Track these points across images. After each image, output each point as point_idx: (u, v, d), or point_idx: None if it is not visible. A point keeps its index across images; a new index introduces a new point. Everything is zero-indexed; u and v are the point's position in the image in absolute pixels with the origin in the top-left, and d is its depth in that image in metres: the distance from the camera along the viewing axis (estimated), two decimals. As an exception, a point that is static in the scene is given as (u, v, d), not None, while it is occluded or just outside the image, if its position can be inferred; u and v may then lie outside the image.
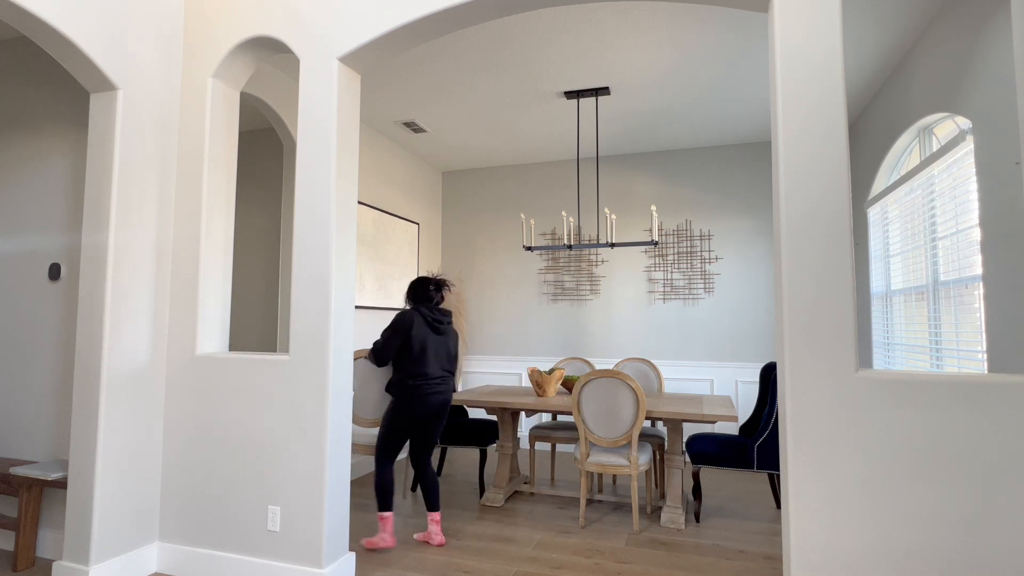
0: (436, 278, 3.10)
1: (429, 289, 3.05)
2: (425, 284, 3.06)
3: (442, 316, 3.03)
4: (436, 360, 2.99)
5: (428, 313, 2.99)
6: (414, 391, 2.92)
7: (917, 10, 2.92)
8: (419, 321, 2.96)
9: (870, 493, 1.77)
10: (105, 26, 2.45)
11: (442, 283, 3.10)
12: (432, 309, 3.03)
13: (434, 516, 2.99)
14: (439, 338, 3.01)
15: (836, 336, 1.83)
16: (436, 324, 3.00)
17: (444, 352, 3.03)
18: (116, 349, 2.48)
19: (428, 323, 2.98)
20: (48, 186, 2.98)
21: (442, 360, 3.02)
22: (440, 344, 3.02)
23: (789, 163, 1.92)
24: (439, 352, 3.01)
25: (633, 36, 3.18)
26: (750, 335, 4.88)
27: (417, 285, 3.07)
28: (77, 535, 2.39)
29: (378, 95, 4.01)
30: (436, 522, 2.98)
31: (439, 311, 3.04)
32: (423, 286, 3.06)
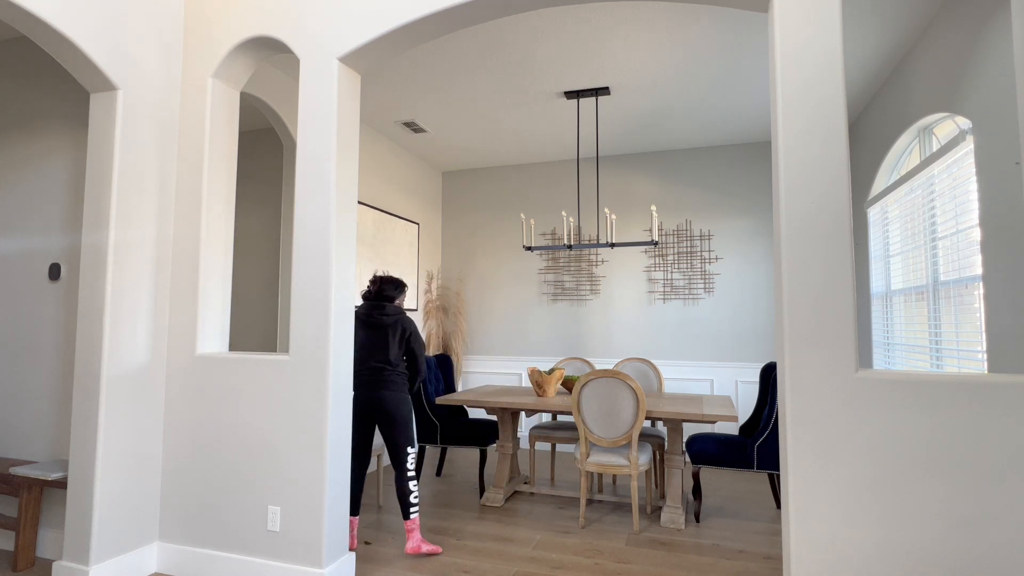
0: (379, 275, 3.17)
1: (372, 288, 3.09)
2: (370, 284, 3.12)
3: (372, 309, 3.01)
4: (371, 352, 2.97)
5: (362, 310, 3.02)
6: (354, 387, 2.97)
7: (917, 10, 2.92)
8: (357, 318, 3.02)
9: (870, 493, 1.77)
10: (105, 26, 2.45)
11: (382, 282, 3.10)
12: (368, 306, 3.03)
13: (406, 524, 2.86)
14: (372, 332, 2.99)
15: (836, 336, 1.83)
16: (366, 317, 3.00)
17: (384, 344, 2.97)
18: (116, 349, 2.47)
19: (359, 319, 3.01)
20: (48, 186, 2.98)
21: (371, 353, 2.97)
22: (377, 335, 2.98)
23: (789, 163, 1.92)
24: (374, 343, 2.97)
25: (633, 36, 3.18)
26: (750, 335, 4.88)
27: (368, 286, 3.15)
28: (77, 535, 2.39)
29: (378, 95, 4.01)
30: (408, 531, 2.85)
31: (372, 306, 3.02)
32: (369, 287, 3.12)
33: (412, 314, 5.25)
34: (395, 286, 3.09)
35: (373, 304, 3.02)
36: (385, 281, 3.08)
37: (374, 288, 3.07)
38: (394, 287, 3.09)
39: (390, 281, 3.09)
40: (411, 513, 2.85)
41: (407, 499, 2.87)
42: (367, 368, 2.96)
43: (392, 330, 2.99)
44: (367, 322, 2.99)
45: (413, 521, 2.84)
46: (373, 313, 2.99)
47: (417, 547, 2.82)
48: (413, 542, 2.83)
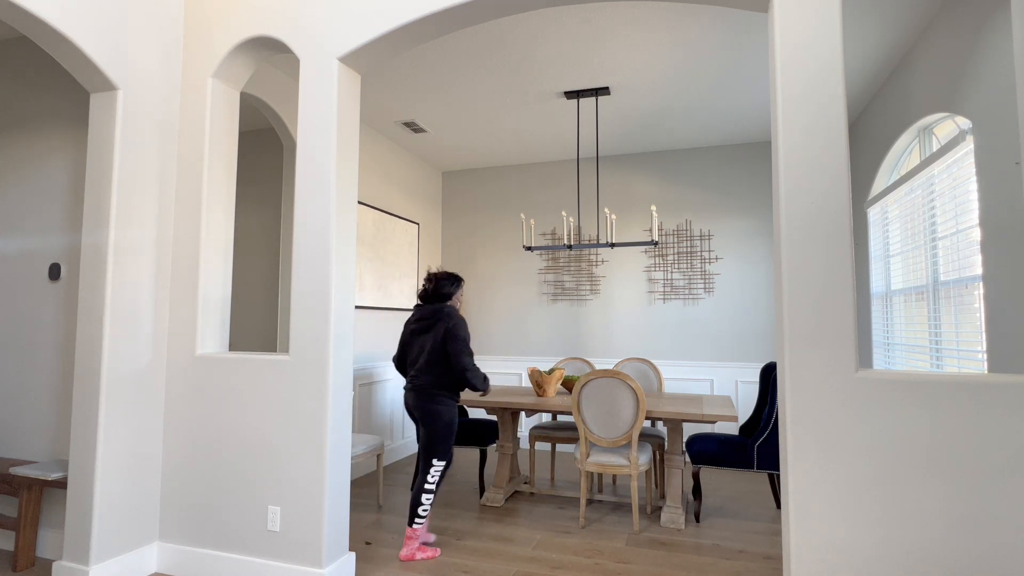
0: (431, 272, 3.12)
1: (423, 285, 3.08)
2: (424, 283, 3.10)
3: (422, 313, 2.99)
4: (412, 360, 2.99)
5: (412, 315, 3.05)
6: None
7: (917, 10, 2.92)
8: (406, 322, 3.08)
9: (870, 493, 1.77)
10: (105, 26, 2.45)
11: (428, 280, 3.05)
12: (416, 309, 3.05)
13: (406, 531, 2.83)
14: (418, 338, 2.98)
15: (836, 336, 1.83)
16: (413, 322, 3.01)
17: (418, 350, 2.97)
18: (116, 349, 2.47)
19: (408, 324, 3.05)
20: (48, 186, 2.98)
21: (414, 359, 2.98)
22: (419, 343, 2.97)
23: (789, 163, 1.92)
24: (418, 351, 2.97)
25: (633, 36, 3.18)
26: (750, 335, 4.88)
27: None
28: (77, 535, 2.39)
29: (378, 95, 4.01)
30: (407, 537, 2.81)
31: (418, 308, 3.03)
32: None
33: (412, 314, 5.24)
34: (452, 281, 3.03)
35: (418, 306, 3.03)
36: (441, 278, 3.02)
37: (430, 286, 3.03)
38: (451, 283, 3.02)
39: (447, 277, 3.03)
40: (416, 523, 2.81)
41: (416, 508, 2.83)
42: (407, 375, 3.00)
43: (435, 332, 2.91)
44: (414, 327, 2.99)
45: (414, 530, 2.81)
46: (422, 316, 2.98)
47: (411, 555, 2.79)
48: (408, 549, 2.79)
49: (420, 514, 2.82)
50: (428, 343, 2.91)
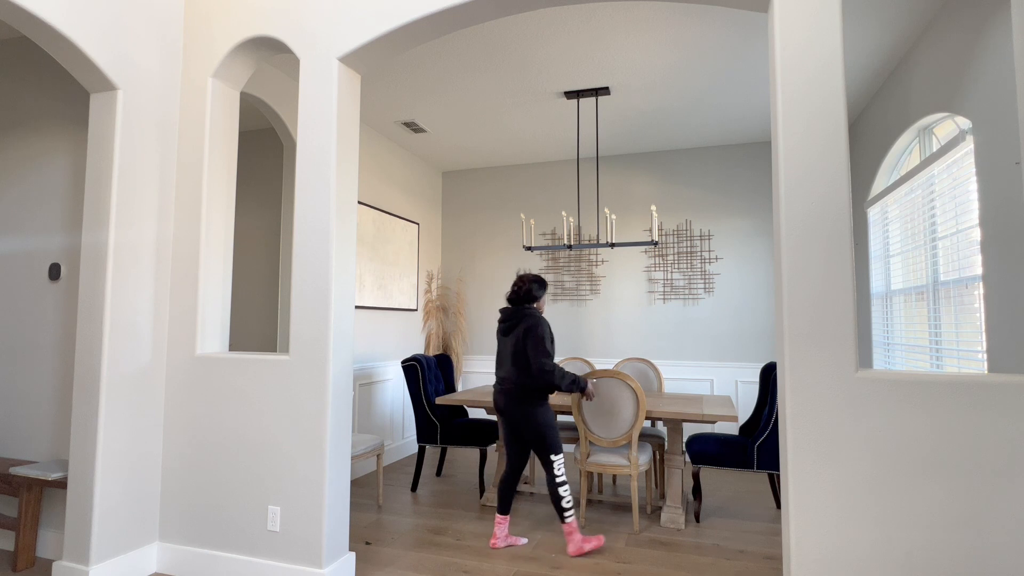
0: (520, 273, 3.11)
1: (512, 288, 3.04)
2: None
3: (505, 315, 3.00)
4: (500, 363, 3.01)
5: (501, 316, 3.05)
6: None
7: (917, 10, 2.92)
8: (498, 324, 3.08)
9: (871, 493, 1.77)
10: (105, 26, 2.45)
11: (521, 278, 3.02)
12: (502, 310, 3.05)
13: (563, 528, 2.91)
14: (504, 339, 3.00)
15: (836, 336, 1.83)
16: (501, 324, 3.02)
17: (507, 353, 2.95)
18: (116, 349, 2.47)
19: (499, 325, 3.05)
20: (48, 186, 2.98)
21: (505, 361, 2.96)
22: (504, 345, 2.99)
23: (789, 163, 1.92)
24: (503, 354, 2.99)
25: (633, 36, 3.18)
26: (750, 335, 4.88)
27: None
28: (77, 535, 2.39)
29: (378, 95, 4.01)
30: (566, 535, 2.87)
31: (505, 310, 3.02)
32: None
33: (412, 314, 5.25)
34: (540, 285, 2.99)
35: (504, 308, 3.03)
36: (530, 280, 2.97)
37: (519, 289, 2.97)
38: (539, 286, 2.98)
39: (535, 280, 2.98)
40: (567, 518, 2.85)
41: (559, 504, 2.86)
42: (501, 379, 2.98)
43: (516, 333, 2.92)
44: (502, 330, 3.00)
45: (570, 525, 2.85)
46: (506, 317, 2.99)
47: (579, 549, 2.83)
48: (573, 545, 2.83)
49: (566, 507, 2.86)
50: (510, 344, 2.94)
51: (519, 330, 2.90)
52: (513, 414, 2.90)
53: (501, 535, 2.95)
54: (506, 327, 2.98)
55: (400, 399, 5.00)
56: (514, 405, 2.89)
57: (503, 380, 2.96)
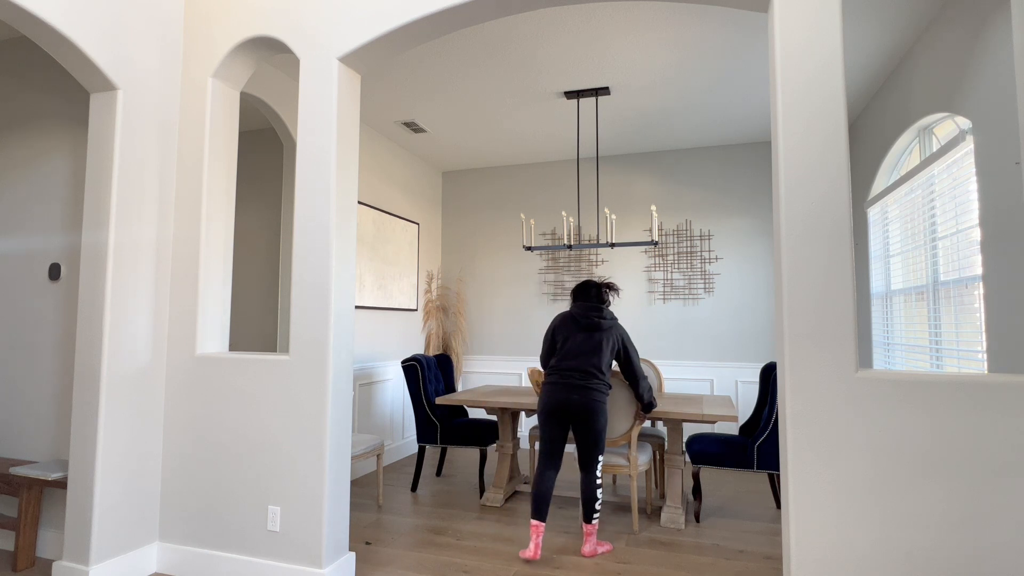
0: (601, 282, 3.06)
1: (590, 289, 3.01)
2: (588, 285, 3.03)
3: (589, 311, 2.93)
4: (577, 354, 2.87)
5: (578, 310, 2.94)
6: (548, 384, 2.89)
7: (917, 10, 2.92)
8: (566, 318, 2.97)
9: (871, 493, 1.77)
10: (105, 26, 2.45)
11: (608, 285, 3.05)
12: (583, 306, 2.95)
13: (585, 528, 2.86)
14: (584, 335, 2.90)
15: (836, 336, 1.83)
16: (581, 318, 2.92)
17: (590, 348, 2.88)
18: (116, 349, 2.47)
19: (575, 318, 2.93)
20: (48, 186, 2.98)
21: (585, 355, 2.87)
22: (587, 340, 2.89)
23: (789, 163, 1.92)
24: (583, 348, 2.88)
25: (633, 36, 3.18)
26: (750, 335, 4.88)
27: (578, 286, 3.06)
28: (77, 535, 2.39)
29: (378, 95, 4.01)
30: (587, 534, 2.85)
31: (591, 307, 2.94)
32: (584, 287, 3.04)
33: (412, 314, 5.25)
34: (615, 292, 3.05)
35: (591, 305, 2.94)
36: (608, 287, 3.02)
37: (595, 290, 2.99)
38: (614, 293, 3.04)
39: (611, 287, 3.03)
40: (593, 518, 2.86)
41: (593, 504, 2.86)
42: (575, 370, 2.85)
43: (607, 336, 2.91)
44: (582, 323, 2.91)
45: (593, 526, 2.85)
46: (591, 315, 2.90)
47: (593, 550, 2.84)
48: (590, 546, 2.84)
49: (599, 508, 2.88)
50: (594, 342, 2.89)
51: (613, 333, 2.93)
52: (586, 408, 2.81)
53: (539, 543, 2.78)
54: (590, 324, 2.90)
55: (400, 399, 5.00)
56: (590, 400, 2.82)
57: (591, 376, 2.85)
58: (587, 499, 2.87)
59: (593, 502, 2.87)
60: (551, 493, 2.87)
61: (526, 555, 2.75)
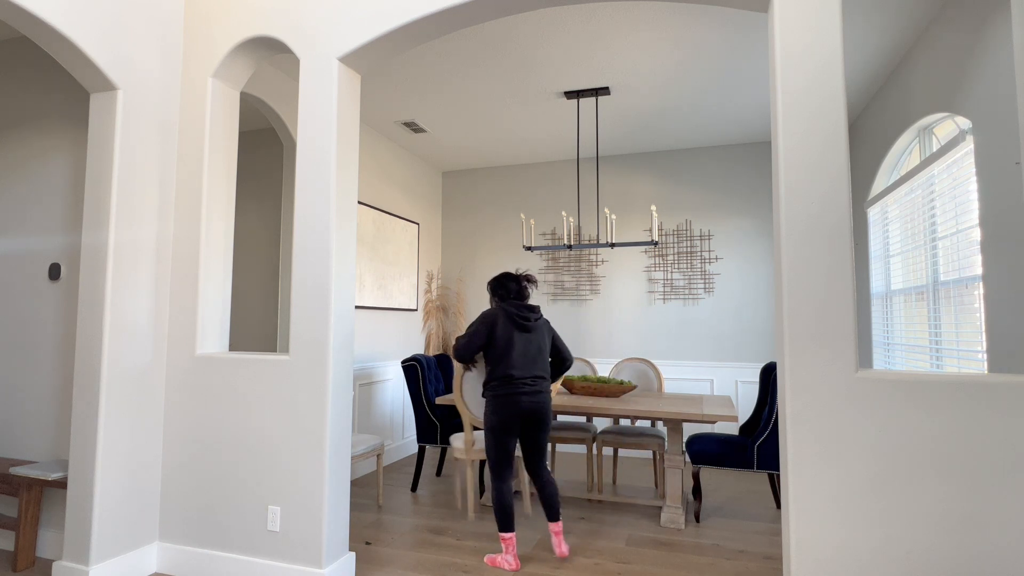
0: (520, 273, 2.95)
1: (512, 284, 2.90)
2: (508, 279, 2.91)
3: (529, 312, 2.84)
4: (524, 360, 2.77)
5: (514, 310, 2.81)
6: (503, 395, 2.74)
7: (917, 10, 2.92)
8: (502, 319, 2.80)
9: (871, 493, 1.77)
10: (105, 26, 2.45)
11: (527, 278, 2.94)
12: (519, 305, 2.85)
13: (553, 527, 2.78)
14: (526, 335, 2.81)
15: (836, 336, 1.83)
16: (523, 321, 2.80)
17: (535, 350, 2.81)
18: (116, 349, 2.47)
19: (513, 319, 2.79)
20: (48, 186, 2.98)
21: (532, 360, 2.79)
22: (529, 342, 2.80)
23: (789, 163, 1.92)
24: (528, 351, 2.79)
25: (633, 36, 3.18)
26: (750, 335, 4.88)
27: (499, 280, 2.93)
28: (77, 535, 2.39)
29: (378, 95, 4.01)
30: (556, 533, 2.77)
31: (526, 307, 2.85)
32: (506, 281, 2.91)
33: (412, 314, 5.25)
34: (534, 284, 2.97)
35: (525, 305, 2.85)
36: (530, 280, 2.93)
37: (516, 287, 2.89)
38: (535, 286, 3.00)
39: (531, 280, 2.95)
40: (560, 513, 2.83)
41: (558, 500, 2.81)
42: (530, 376, 2.77)
43: (543, 334, 2.87)
44: (522, 325, 2.79)
45: (561, 523, 2.82)
46: (529, 316, 2.81)
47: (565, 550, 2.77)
48: (566, 544, 2.84)
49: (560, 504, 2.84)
50: (536, 343, 2.83)
51: (545, 330, 2.90)
52: (544, 412, 2.78)
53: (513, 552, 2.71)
54: (528, 324, 2.82)
55: (400, 399, 5.00)
56: (546, 403, 2.80)
57: (536, 379, 2.78)
58: (554, 496, 2.80)
59: (558, 498, 2.82)
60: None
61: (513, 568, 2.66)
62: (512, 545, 2.70)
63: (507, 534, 2.71)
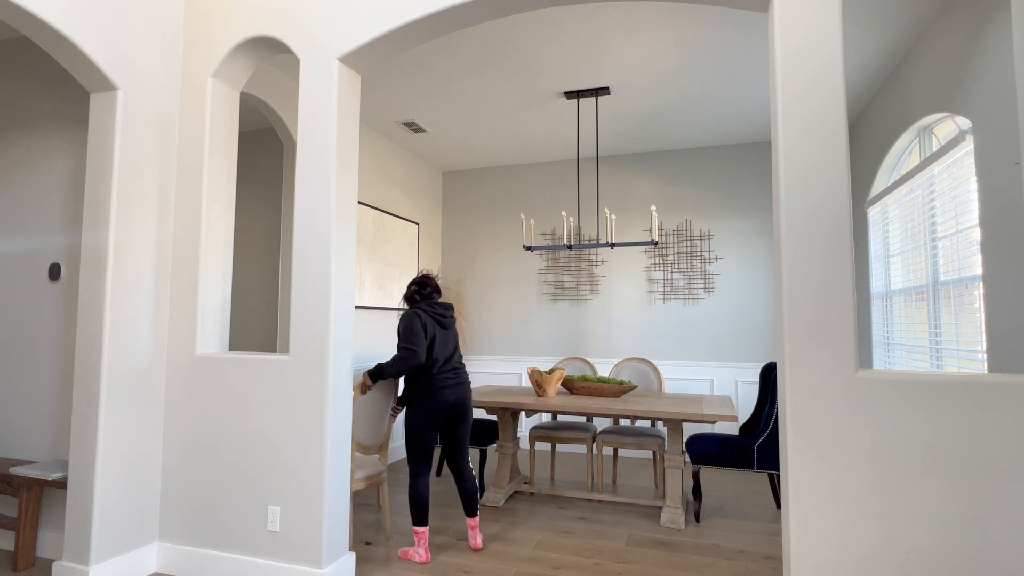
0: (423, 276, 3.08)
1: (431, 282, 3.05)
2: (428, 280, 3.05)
3: (444, 310, 3.00)
4: (445, 354, 2.91)
5: (430, 309, 2.94)
6: (428, 388, 2.83)
7: (917, 10, 2.92)
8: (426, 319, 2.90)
9: (870, 493, 1.77)
10: (105, 26, 2.45)
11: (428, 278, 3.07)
12: (433, 305, 2.98)
13: (470, 522, 2.94)
14: (445, 332, 2.96)
15: (836, 336, 1.83)
16: (440, 318, 2.95)
17: (452, 345, 2.98)
18: (116, 349, 2.47)
19: (433, 318, 2.92)
20: (48, 186, 2.98)
21: (450, 354, 2.95)
22: (447, 337, 2.96)
23: (789, 163, 1.92)
24: (447, 344, 2.94)
25: (633, 36, 3.18)
26: (750, 335, 4.88)
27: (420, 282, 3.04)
28: (77, 535, 2.39)
29: (378, 95, 4.01)
30: (472, 527, 2.94)
31: (440, 305, 3.01)
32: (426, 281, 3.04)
33: (412, 314, 5.25)
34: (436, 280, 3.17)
35: (445, 304, 3.03)
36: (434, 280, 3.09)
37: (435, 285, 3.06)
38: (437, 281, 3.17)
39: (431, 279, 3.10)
40: (477, 510, 2.97)
41: (477, 496, 2.97)
42: (451, 369, 2.92)
43: (455, 331, 3.06)
44: (443, 323, 2.97)
45: (478, 518, 3.00)
46: (447, 314, 3.00)
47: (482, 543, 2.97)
48: (481, 538, 2.95)
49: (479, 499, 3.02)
50: (454, 337, 3.01)
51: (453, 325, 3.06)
52: (467, 405, 2.97)
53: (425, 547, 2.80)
54: (447, 321, 3.00)
55: (400, 399, 4.99)
56: (469, 395, 3.00)
57: (458, 371, 2.95)
58: (473, 492, 2.95)
59: (477, 493, 2.97)
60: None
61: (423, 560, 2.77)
62: (424, 538, 2.80)
63: (420, 528, 2.80)
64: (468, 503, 2.95)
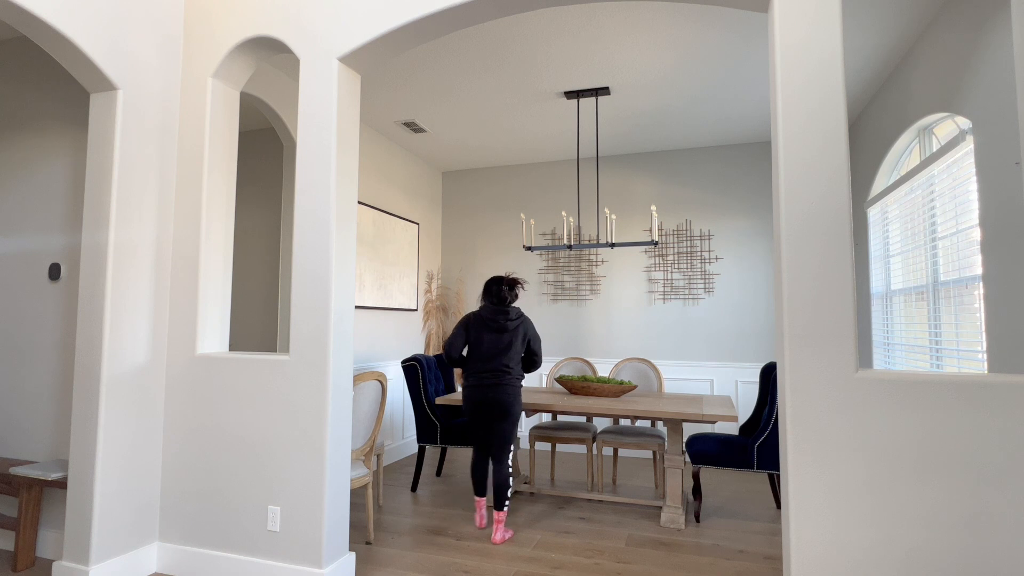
0: (506, 277, 3.23)
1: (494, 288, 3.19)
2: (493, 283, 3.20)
3: (497, 315, 3.13)
4: (489, 356, 3.10)
5: (485, 312, 3.14)
6: (465, 383, 3.16)
7: (917, 10, 2.92)
8: (476, 320, 3.15)
9: (870, 493, 1.77)
10: (105, 26, 2.45)
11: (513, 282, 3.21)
12: (489, 308, 3.15)
13: (497, 515, 3.04)
14: (493, 335, 3.12)
15: (836, 336, 1.83)
16: (491, 322, 3.12)
17: (502, 348, 3.11)
18: (116, 349, 2.47)
19: (483, 321, 3.13)
20: (48, 186, 2.98)
21: (494, 356, 3.10)
22: (497, 341, 3.11)
23: (789, 163, 1.92)
24: (497, 347, 3.10)
25: (633, 36, 3.18)
26: (750, 335, 4.88)
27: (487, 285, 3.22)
28: (77, 535, 2.39)
29: (378, 95, 4.01)
30: (497, 522, 3.03)
31: (495, 310, 3.14)
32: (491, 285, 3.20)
33: (412, 314, 5.25)
34: (520, 286, 3.26)
35: (498, 309, 3.14)
36: (514, 283, 3.20)
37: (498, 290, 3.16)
38: (522, 287, 3.30)
39: (517, 283, 3.22)
40: (504, 506, 3.05)
41: (504, 492, 3.07)
42: (489, 370, 3.10)
43: (515, 334, 3.16)
44: (492, 326, 3.12)
45: (504, 513, 3.04)
46: (498, 318, 3.12)
47: (503, 537, 3.02)
48: (500, 533, 3.01)
49: (509, 496, 3.09)
50: (507, 340, 3.13)
51: (521, 328, 3.19)
52: (501, 404, 3.09)
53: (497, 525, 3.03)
54: (497, 325, 3.14)
55: (400, 399, 5.00)
56: (504, 395, 3.10)
57: (497, 372, 3.09)
58: (500, 486, 3.07)
59: (505, 489, 3.07)
60: (487, 475, 3.25)
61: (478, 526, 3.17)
62: (480, 506, 3.23)
63: (476, 498, 3.26)
64: (494, 496, 3.08)
